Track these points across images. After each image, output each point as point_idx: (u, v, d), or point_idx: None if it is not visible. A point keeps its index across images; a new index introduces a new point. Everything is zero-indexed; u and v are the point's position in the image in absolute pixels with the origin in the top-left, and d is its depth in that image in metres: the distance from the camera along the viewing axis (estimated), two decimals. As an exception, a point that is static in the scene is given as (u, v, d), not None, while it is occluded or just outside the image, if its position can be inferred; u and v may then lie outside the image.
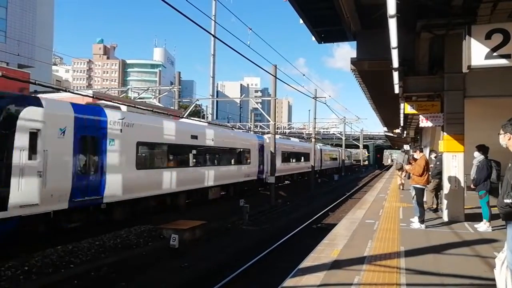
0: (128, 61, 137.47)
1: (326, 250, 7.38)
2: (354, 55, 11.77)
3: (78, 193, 10.75)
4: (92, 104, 13.16)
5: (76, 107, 11.10)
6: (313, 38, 12.83)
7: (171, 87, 32.65)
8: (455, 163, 10.14)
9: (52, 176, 9.91)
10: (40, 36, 56.17)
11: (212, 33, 13.85)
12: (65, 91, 12.84)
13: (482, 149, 9.32)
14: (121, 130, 12.33)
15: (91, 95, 15.14)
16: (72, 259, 9.39)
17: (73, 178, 10.60)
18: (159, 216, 14.20)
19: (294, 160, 34.65)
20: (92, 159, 11.41)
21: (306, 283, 5.55)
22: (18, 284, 7.83)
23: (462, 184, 10.19)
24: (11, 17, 50.97)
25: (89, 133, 11.34)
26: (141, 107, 15.18)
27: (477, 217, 9.78)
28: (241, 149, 22.44)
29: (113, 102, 13.59)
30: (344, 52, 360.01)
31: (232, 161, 21.17)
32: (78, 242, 10.36)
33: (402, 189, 19.07)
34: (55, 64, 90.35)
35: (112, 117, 12.11)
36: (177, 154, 16.02)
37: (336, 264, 6.44)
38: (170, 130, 15.56)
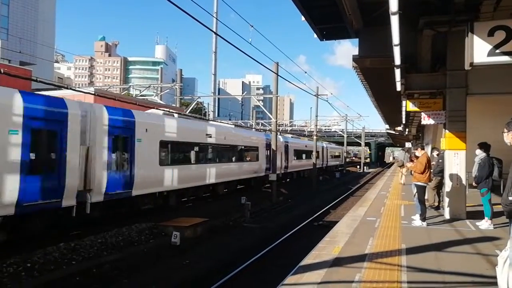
0: (130, 59, 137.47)
1: (327, 248, 7.39)
2: (355, 52, 11.75)
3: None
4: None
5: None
6: (315, 36, 12.78)
7: (172, 85, 32.68)
8: (457, 160, 10.13)
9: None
10: (42, 33, 56.18)
11: (214, 30, 13.81)
12: (67, 88, 12.86)
13: (484, 146, 9.30)
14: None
15: (93, 93, 15.15)
16: (74, 256, 9.42)
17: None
18: (161, 214, 14.23)
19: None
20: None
21: (307, 280, 5.56)
22: (20, 281, 7.85)
23: (464, 182, 10.17)
24: (13, 14, 50.99)
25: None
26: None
27: (478, 215, 9.76)
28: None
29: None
30: (345, 49, 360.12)
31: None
32: (80, 239, 10.40)
33: (404, 184, 20.16)
34: (57, 62, 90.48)
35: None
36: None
37: (337, 262, 6.44)
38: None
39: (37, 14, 55.07)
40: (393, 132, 39.94)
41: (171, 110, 17.65)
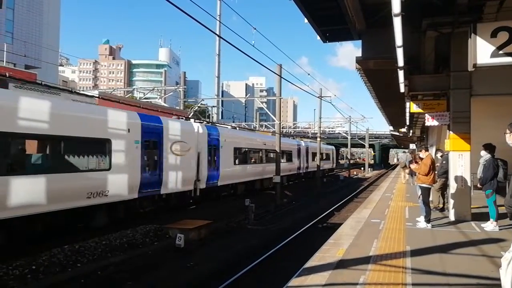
0: (134, 62, 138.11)
1: (331, 250, 7.38)
2: (358, 53, 11.78)
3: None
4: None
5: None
6: (318, 38, 12.80)
7: (176, 87, 32.73)
8: (461, 162, 10.09)
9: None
10: (46, 37, 56.56)
11: (217, 33, 13.87)
12: (71, 92, 12.94)
13: (489, 148, 9.26)
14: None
15: (97, 96, 15.25)
16: (79, 258, 9.46)
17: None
18: (165, 216, 14.27)
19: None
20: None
21: (311, 283, 5.55)
22: (26, 283, 7.90)
23: (469, 183, 10.13)
24: (18, 18, 51.40)
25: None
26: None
27: (484, 217, 9.72)
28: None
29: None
30: (347, 50, 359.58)
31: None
32: (85, 241, 10.44)
33: (405, 183, 22.35)
34: (61, 65, 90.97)
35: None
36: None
37: (342, 264, 6.43)
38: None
39: (41, 18, 55.46)
40: (397, 133, 39.80)
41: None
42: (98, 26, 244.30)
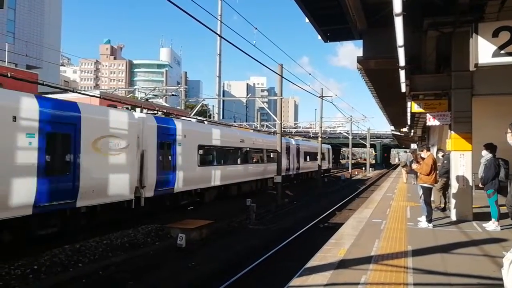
0: (135, 61, 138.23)
1: (333, 250, 7.38)
2: (358, 53, 11.84)
3: None
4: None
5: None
6: (319, 37, 12.79)
7: (177, 87, 32.79)
8: (463, 162, 10.08)
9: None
10: (48, 37, 56.63)
11: (218, 33, 13.87)
12: (73, 91, 12.96)
13: (490, 147, 9.25)
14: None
15: (98, 96, 15.26)
16: (80, 258, 9.48)
17: None
18: (166, 216, 14.28)
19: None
20: None
21: (313, 283, 5.55)
22: (27, 283, 7.92)
23: (470, 183, 10.12)
24: (19, 18, 51.48)
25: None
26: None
27: (485, 216, 9.70)
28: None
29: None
30: (348, 50, 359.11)
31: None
32: (86, 241, 10.46)
33: (405, 182, 22.89)
34: (62, 65, 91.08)
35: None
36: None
37: (343, 264, 6.43)
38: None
39: (43, 18, 55.54)
40: (399, 133, 39.75)
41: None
42: (99, 26, 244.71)
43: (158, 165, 14.00)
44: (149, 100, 31.00)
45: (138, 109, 14.92)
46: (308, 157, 37.09)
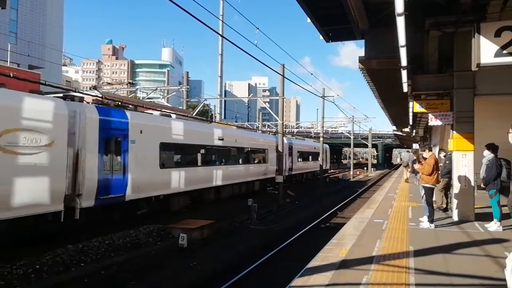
0: (137, 61, 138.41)
1: (334, 250, 7.37)
2: (360, 53, 11.80)
3: None
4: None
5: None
6: (321, 37, 12.78)
7: (179, 87, 32.79)
8: (465, 162, 10.06)
9: None
10: (50, 37, 56.71)
11: (220, 33, 13.86)
12: (75, 91, 12.97)
13: (492, 147, 9.23)
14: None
15: (100, 96, 15.28)
16: (83, 258, 9.49)
17: None
18: (168, 216, 14.28)
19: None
20: None
21: (314, 283, 5.55)
22: (29, 282, 7.93)
23: (472, 183, 10.10)
24: (22, 18, 51.56)
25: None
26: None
27: (487, 217, 9.68)
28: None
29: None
30: (350, 50, 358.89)
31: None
32: (88, 240, 10.47)
33: (407, 181, 23.06)
34: (64, 65, 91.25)
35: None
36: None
37: (345, 264, 6.42)
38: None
39: (45, 18, 55.64)
40: (400, 133, 39.68)
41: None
42: (101, 26, 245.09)
43: (100, 168, 11.36)
44: (150, 100, 31.05)
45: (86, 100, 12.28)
46: (303, 157, 34.12)
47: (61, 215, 10.01)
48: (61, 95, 11.43)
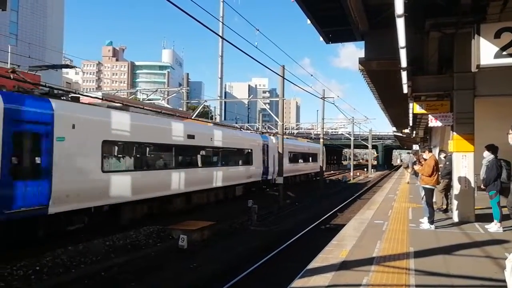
0: (137, 63, 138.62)
1: (334, 251, 7.37)
2: (360, 54, 11.78)
3: None
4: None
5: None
6: (321, 39, 12.80)
7: (179, 89, 32.86)
8: (465, 163, 10.06)
9: None
10: (50, 38, 56.84)
11: (220, 34, 13.88)
12: (75, 93, 12.98)
13: (492, 148, 9.23)
14: None
15: (101, 97, 15.29)
16: (83, 259, 9.50)
17: None
18: (168, 217, 14.28)
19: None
20: None
21: (314, 284, 5.55)
22: (29, 284, 7.93)
23: (472, 184, 10.09)
24: (22, 20, 51.69)
25: None
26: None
27: (487, 218, 9.67)
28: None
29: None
30: (350, 51, 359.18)
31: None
32: (88, 242, 10.48)
33: (408, 183, 22.88)
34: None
35: None
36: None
37: (345, 265, 6.42)
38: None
39: (45, 19, 55.76)
40: (400, 134, 39.67)
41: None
42: (101, 28, 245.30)
43: (5, 171, 8.96)
44: (150, 101, 31.08)
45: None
46: (294, 158, 31.46)
47: None
48: None
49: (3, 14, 43.36)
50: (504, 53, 6.55)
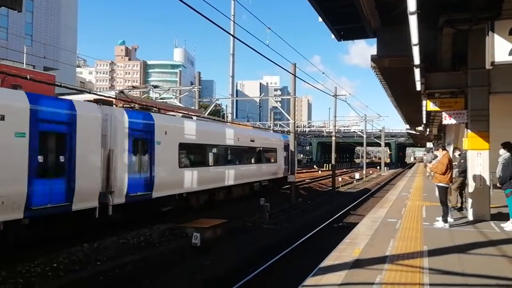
0: (149, 62, 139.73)
1: (347, 249, 7.36)
2: (370, 51, 11.91)
3: None
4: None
5: None
6: (333, 36, 12.75)
7: (191, 87, 33.01)
8: (480, 161, 9.92)
9: None
10: (64, 39, 57.59)
11: (231, 33, 13.94)
12: (89, 92, 13.17)
13: (508, 146, 9.09)
14: None
15: (114, 97, 15.48)
16: (98, 257, 9.65)
17: None
18: (182, 215, 14.40)
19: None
20: None
21: (327, 282, 5.56)
22: (47, 280, 8.10)
23: (488, 182, 9.96)
24: (37, 21, 52.42)
25: None
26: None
27: (503, 216, 9.55)
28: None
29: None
30: (360, 48, 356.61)
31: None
32: (103, 240, 10.64)
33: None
34: (79, 66, 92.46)
35: None
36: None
37: (358, 263, 6.41)
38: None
39: (59, 20, 56.46)
40: (414, 132, 39.32)
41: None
42: (114, 27, 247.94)
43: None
44: (163, 100, 31.30)
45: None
46: (206, 155, 16.93)
47: None
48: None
49: (19, 16, 44.15)
50: (520, 49, 6.45)
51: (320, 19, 11.34)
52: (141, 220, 12.53)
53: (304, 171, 49.41)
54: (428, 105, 11.02)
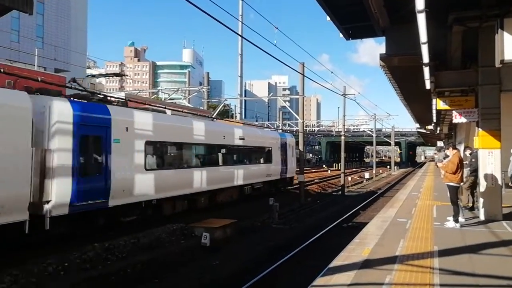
0: (158, 63, 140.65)
1: (357, 249, 7.34)
2: (379, 49, 11.82)
3: None
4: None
5: None
6: (341, 35, 12.69)
7: (200, 88, 33.15)
8: (491, 159, 9.81)
9: None
10: (74, 40, 58.19)
11: (239, 33, 13.97)
12: (99, 94, 13.29)
13: (520, 145, 8.99)
14: None
15: (123, 98, 15.59)
16: (109, 256, 9.74)
17: None
18: (191, 215, 14.47)
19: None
20: None
21: (336, 282, 5.55)
22: (58, 279, 8.20)
23: (499, 182, 9.84)
24: (47, 23, 53.06)
25: None
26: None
27: (516, 216, 9.44)
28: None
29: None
30: (368, 46, 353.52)
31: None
32: (114, 239, 10.73)
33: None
34: (89, 68, 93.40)
35: None
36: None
37: (367, 263, 6.39)
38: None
39: (69, 22, 57.07)
40: (424, 131, 38.97)
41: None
42: (123, 28, 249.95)
43: None
44: (172, 100, 31.48)
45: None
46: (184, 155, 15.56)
47: None
48: None
49: (30, 18, 44.68)
50: (530, 47, 6.37)
51: (328, 18, 11.30)
52: (91, 233, 10.73)
53: (313, 170, 49.24)
54: (438, 104, 10.94)
